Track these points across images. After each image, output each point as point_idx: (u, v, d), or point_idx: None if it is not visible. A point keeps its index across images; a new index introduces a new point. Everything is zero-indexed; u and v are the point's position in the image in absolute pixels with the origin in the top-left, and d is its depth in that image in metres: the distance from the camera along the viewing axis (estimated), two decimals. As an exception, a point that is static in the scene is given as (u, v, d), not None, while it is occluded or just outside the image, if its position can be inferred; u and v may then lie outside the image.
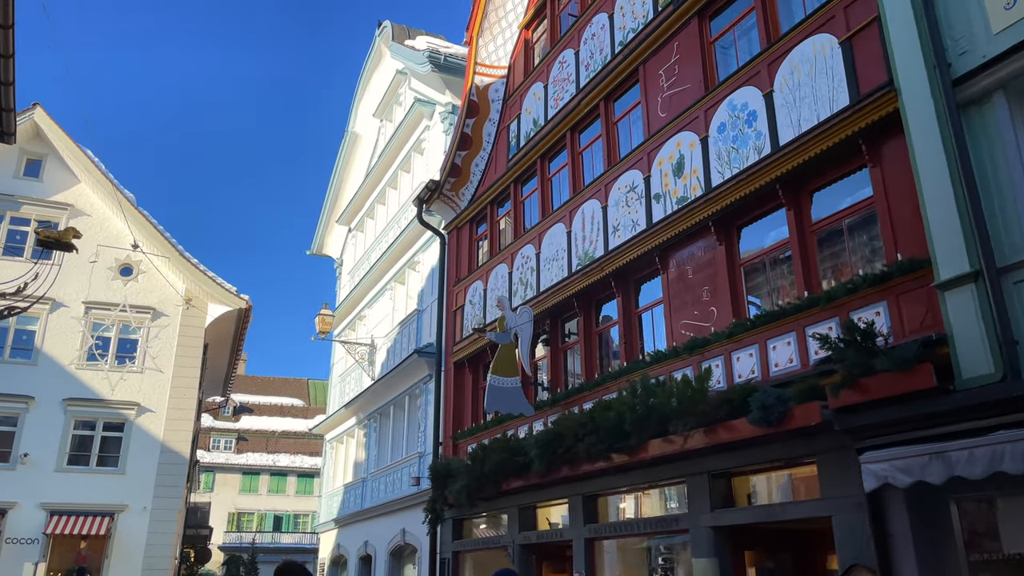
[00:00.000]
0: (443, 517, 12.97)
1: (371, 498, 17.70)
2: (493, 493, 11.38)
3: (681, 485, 8.47)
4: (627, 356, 9.74)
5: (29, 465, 23.65)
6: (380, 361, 18.88)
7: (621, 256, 9.81)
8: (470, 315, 13.93)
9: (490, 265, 13.51)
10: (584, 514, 9.88)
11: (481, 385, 13.78)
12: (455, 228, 15.17)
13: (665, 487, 8.85)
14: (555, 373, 11.44)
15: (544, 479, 10.03)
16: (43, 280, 12.61)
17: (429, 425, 15.16)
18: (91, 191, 26.91)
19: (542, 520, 11.40)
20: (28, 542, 22.97)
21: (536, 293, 11.79)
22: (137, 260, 26.71)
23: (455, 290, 14.75)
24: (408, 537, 15.33)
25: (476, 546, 12.66)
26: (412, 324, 17.00)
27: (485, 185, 14.14)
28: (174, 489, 24.94)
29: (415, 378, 16.06)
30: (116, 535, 23.76)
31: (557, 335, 11.65)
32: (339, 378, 22.06)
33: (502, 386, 10.86)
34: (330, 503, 21.09)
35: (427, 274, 16.79)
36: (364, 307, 20.96)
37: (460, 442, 13.55)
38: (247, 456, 55.10)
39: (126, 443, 24.83)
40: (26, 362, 24.85)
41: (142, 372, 25.73)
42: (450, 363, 14.36)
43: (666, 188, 9.25)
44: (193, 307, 26.90)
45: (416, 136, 18.68)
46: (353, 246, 23.36)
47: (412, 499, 15.13)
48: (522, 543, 11.21)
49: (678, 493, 8.69)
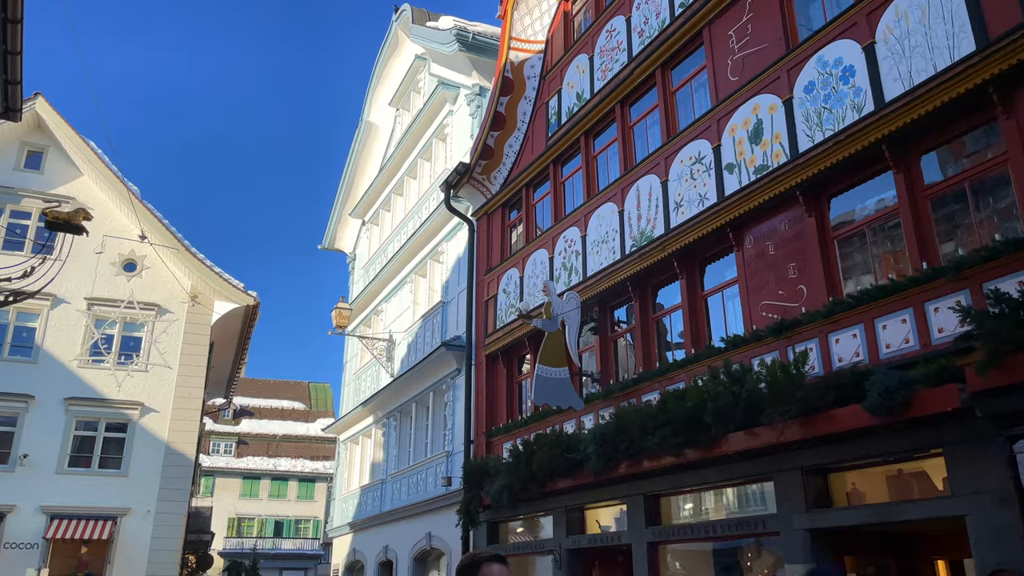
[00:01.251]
0: (478, 520, 12.12)
1: (392, 500, 16.83)
2: (538, 493, 10.53)
3: (766, 483, 7.65)
4: (693, 343, 8.91)
5: (29, 467, 22.73)
6: (400, 357, 18.03)
7: (686, 234, 9.00)
8: (504, 305, 13.11)
9: (527, 251, 12.69)
10: (646, 516, 9.04)
11: (517, 379, 12.97)
12: (485, 214, 14.35)
13: (746, 485, 8.01)
14: (605, 364, 10.61)
15: (599, 478, 9.20)
16: (49, 265, 11.73)
17: (458, 422, 14.31)
18: (94, 184, 26.05)
19: (591, 523, 10.56)
20: (28, 547, 22.05)
21: (582, 279, 10.97)
22: (142, 255, 25.86)
23: (486, 279, 13.92)
24: (435, 541, 14.46)
25: (515, 551, 11.80)
26: (436, 317, 16.16)
27: (520, 167, 13.33)
28: (179, 492, 24.03)
29: (441, 373, 15.21)
30: (119, 539, 22.84)
31: (606, 323, 10.82)
32: (353, 376, 21.19)
33: (550, 376, 10.04)
34: (344, 507, 20.20)
35: (452, 264, 15.95)
36: (381, 301, 20.11)
37: (494, 440, 12.71)
38: (247, 460, 54.14)
39: (129, 444, 23.92)
40: (26, 360, 23.94)
41: (146, 371, 24.84)
42: (481, 356, 13.53)
43: (740, 157, 8.44)
44: (199, 304, 26.04)
45: (438, 122, 17.87)
46: (367, 240, 22.52)
47: (440, 501, 14.27)
48: (570, 547, 10.36)
49: (762, 492, 7.86)
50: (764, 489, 7.79)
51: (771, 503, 7.51)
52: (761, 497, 7.88)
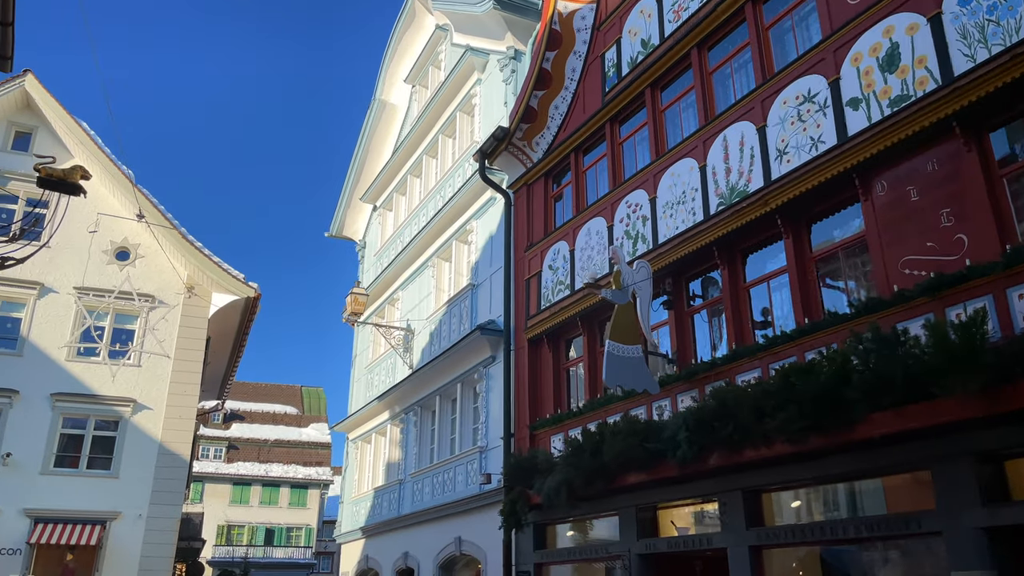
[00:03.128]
0: (526, 521, 10.73)
1: (412, 503, 15.40)
2: (603, 490, 9.17)
3: (918, 472, 6.33)
4: (806, 311, 7.59)
5: (11, 467, 21.08)
6: (420, 348, 16.63)
7: (793, 185, 7.70)
8: (550, 282, 11.77)
9: (578, 221, 11.37)
10: (746, 515, 7.70)
11: (565, 365, 11.61)
12: (524, 185, 13.03)
13: (890, 476, 6.68)
14: (682, 342, 9.27)
15: (687, 470, 7.86)
16: (45, 224, 10.29)
17: (494, 414, 12.93)
18: (86, 166, 24.47)
19: (664, 524, 9.21)
20: (9, 553, 20.40)
21: (652, 247, 9.66)
22: (135, 243, 24.34)
23: (526, 256, 12.58)
24: (466, 547, 13.05)
25: (569, 557, 10.42)
26: (465, 302, 14.79)
27: (568, 129, 12.02)
28: (173, 495, 22.42)
29: (473, 361, 13.84)
30: (108, 545, 21.21)
31: (682, 296, 9.49)
32: (365, 370, 19.75)
33: (622, 355, 8.70)
34: (354, 510, 18.73)
35: (483, 244, 14.60)
36: (397, 290, 18.72)
37: (540, 432, 11.34)
38: (238, 466, 52.33)
39: (120, 443, 22.32)
40: (10, 352, 22.31)
41: (139, 366, 23.28)
42: (523, 340, 12.17)
43: (868, 90, 7.16)
44: (196, 295, 24.51)
45: (464, 94, 16.55)
46: (379, 226, 21.13)
47: (473, 501, 12.87)
48: (642, 552, 9.00)
49: (911, 484, 6.54)
50: (911, 481, 6.47)
51: (924, 497, 6.19)
52: (908, 490, 6.55)
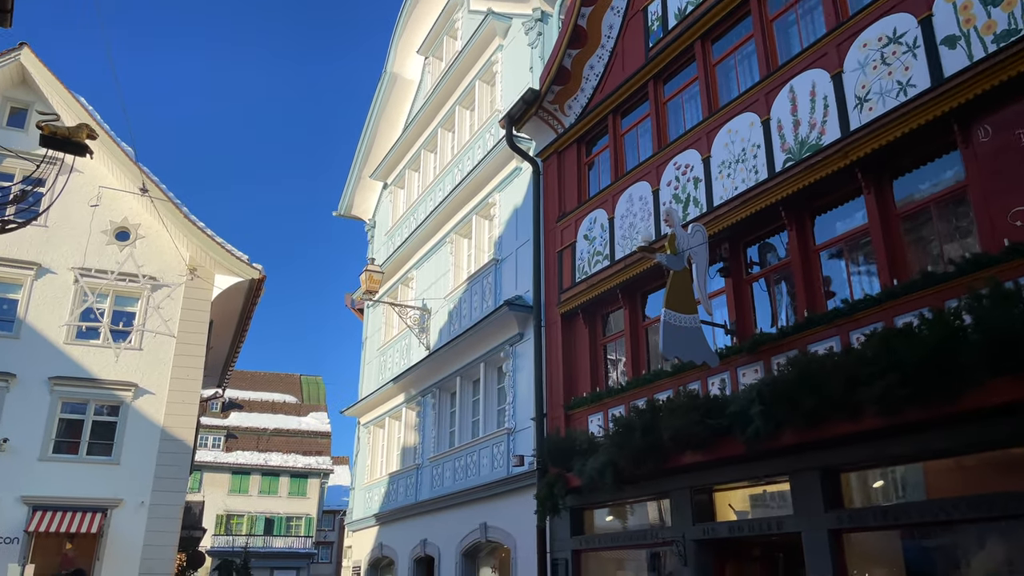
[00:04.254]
0: (563, 506, 10.06)
1: (432, 488, 14.73)
2: (654, 471, 8.51)
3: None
4: (892, 273, 6.91)
5: (8, 453, 20.32)
6: (438, 328, 15.94)
7: (878, 135, 7.01)
8: (586, 253, 11.07)
9: (618, 188, 10.67)
10: (824, 496, 7.04)
11: (602, 341, 10.93)
12: (555, 152, 12.32)
13: (1000, 450, 6.02)
14: (740, 312, 8.59)
15: (756, 448, 7.20)
16: (49, 184, 9.57)
17: (523, 394, 12.26)
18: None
19: (722, 507, 8.55)
20: (7, 541, 19.64)
21: (706, 210, 8.97)
22: (135, 223, 23.55)
23: (558, 227, 11.88)
24: (492, 533, 12.39)
25: (612, 543, 9.76)
26: (488, 278, 14.09)
27: (605, 90, 11.29)
28: (176, 482, 21.71)
29: (498, 340, 13.15)
30: (109, 533, 20.50)
31: (740, 263, 8.81)
32: (377, 352, 19.05)
33: (679, 324, 8.02)
34: (367, 496, 18.06)
35: (508, 217, 13.90)
36: (411, 269, 18.00)
37: (576, 412, 10.67)
38: (237, 455, 51.67)
39: (121, 429, 21.57)
40: (7, 335, 21.51)
41: (140, 349, 22.52)
42: (555, 315, 11.48)
43: (968, 25, 6.47)
44: (198, 277, 23.74)
45: (483, 61, 15.81)
46: (390, 204, 20.39)
47: (500, 486, 12.22)
48: (698, 538, 8.34)
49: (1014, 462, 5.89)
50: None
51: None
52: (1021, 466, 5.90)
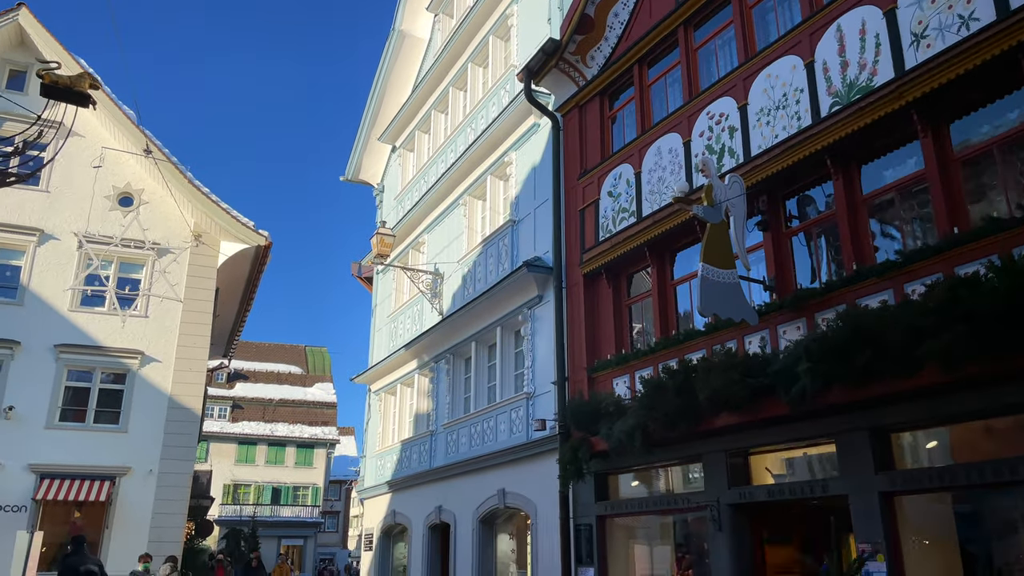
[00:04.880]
0: (587, 470, 9.74)
1: (446, 455, 14.44)
2: (687, 434, 8.17)
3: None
4: (952, 220, 6.48)
5: (14, 421, 20.09)
6: (451, 292, 15.54)
7: (935, 74, 6.53)
8: (610, 211, 10.63)
9: (645, 141, 10.19)
10: (875, 457, 6.68)
11: (627, 301, 10.53)
12: (576, 106, 11.82)
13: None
14: (779, 267, 8.18)
15: (801, 408, 6.83)
16: (52, 136, 9.12)
17: (542, 358, 11.90)
18: (84, 109, 23.05)
19: (758, 471, 8.21)
20: (14, 509, 19.50)
21: (743, 161, 8.52)
22: (139, 188, 23.10)
23: (580, 184, 11.43)
24: (511, 499, 12.11)
25: (640, 508, 9.45)
26: (504, 240, 13.66)
27: (631, 39, 10.76)
28: (185, 450, 21.53)
29: (516, 302, 12.76)
30: (118, 502, 20.35)
31: (779, 215, 8.37)
32: (388, 319, 18.68)
33: (718, 280, 7.61)
34: (379, 464, 17.81)
35: (524, 176, 13.43)
36: (422, 233, 17.56)
37: (600, 375, 10.31)
38: (243, 425, 51.67)
39: (128, 397, 21.33)
40: (10, 301, 21.18)
41: (146, 316, 22.19)
42: (577, 276, 11.08)
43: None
44: (203, 244, 23.35)
45: (498, 15, 15.21)
46: (399, 167, 19.88)
47: (519, 451, 11.90)
48: (734, 502, 8.01)
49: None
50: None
51: None
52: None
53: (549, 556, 10.81)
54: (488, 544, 13.02)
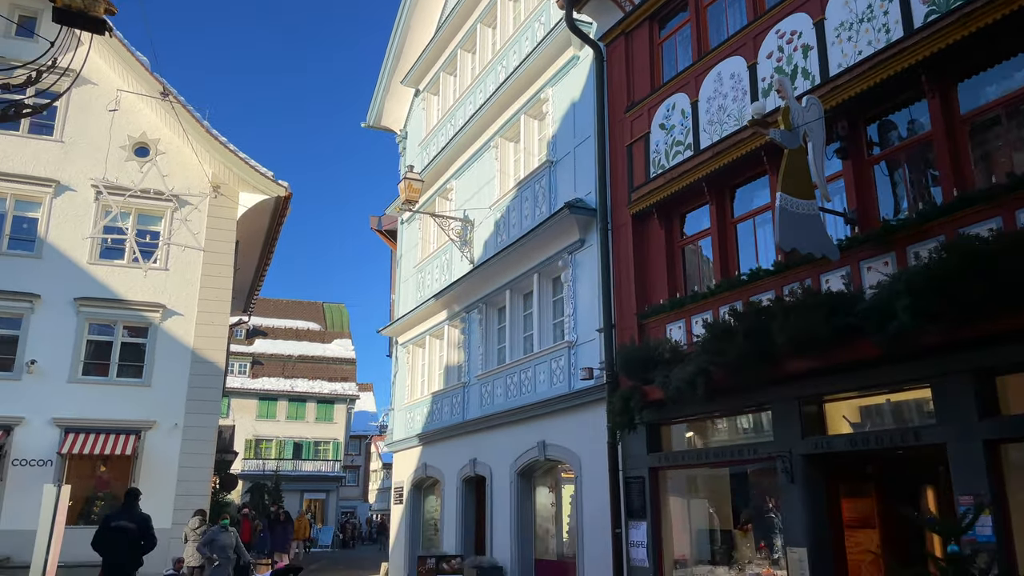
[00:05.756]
0: (639, 421, 9.20)
1: (481, 407, 13.97)
2: (756, 380, 7.57)
3: None
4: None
5: (37, 375, 19.85)
6: (482, 240, 14.90)
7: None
8: (663, 144, 9.89)
9: (703, 66, 9.40)
10: (979, 403, 6.05)
11: (679, 243, 9.85)
12: (622, 34, 10.99)
13: None
14: (860, 199, 7.46)
15: (896, 350, 6.20)
16: (69, 60, 8.45)
17: (584, 305, 11.29)
18: (96, 55, 22.33)
19: (834, 419, 7.61)
20: (40, 464, 19.35)
21: (819, 82, 7.75)
22: (155, 139, 22.45)
23: (627, 118, 10.67)
24: (552, 451, 11.63)
25: (697, 460, 8.91)
26: (541, 181, 12.95)
27: (686, -43, 9.90)
28: (210, 404, 21.28)
29: (555, 247, 12.11)
30: (144, 456, 20.18)
31: (860, 142, 7.62)
32: (414, 270, 18.09)
33: (796, 211, 6.92)
34: (409, 417, 17.41)
35: (563, 113, 12.66)
36: (449, 179, 16.86)
37: (651, 321, 9.69)
38: (263, 381, 51.80)
39: (151, 351, 21.02)
40: (28, 254, 20.79)
41: (167, 269, 21.76)
42: (625, 216, 10.39)
43: None
44: (222, 195, 22.79)
45: (531, -58, 14.27)
46: (423, 112, 19.09)
47: (560, 402, 11.39)
48: (808, 453, 7.44)
49: None
50: None
51: None
52: None
53: (596, 510, 10.35)
54: (527, 497, 12.60)
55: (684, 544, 9.27)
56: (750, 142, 8.32)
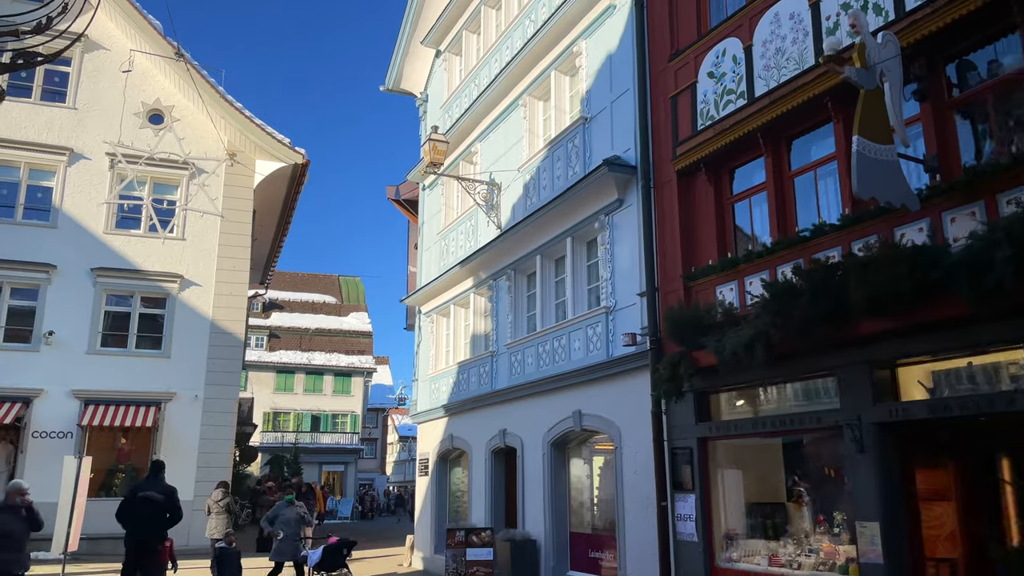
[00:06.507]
0: (688, 388, 8.68)
1: (510, 376, 13.49)
2: (824, 342, 7.01)
3: None
4: None
5: (55, 346, 19.58)
6: (510, 204, 14.32)
7: None
8: (712, 94, 9.24)
9: (758, 7, 8.70)
10: (1087, 363, 5.48)
11: (729, 200, 9.24)
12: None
13: None
14: (941, 145, 6.82)
15: (989, 307, 5.61)
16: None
17: (623, 269, 10.73)
18: (108, 19, 21.80)
19: (907, 384, 7.05)
20: (60, 436, 19.15)
21: (894, 18, 7.07)
22: (169, 105, 21.94)
23: (671, 67, 10.01)
24: (588, 421, 11.15)
25: (753, 429, 8.38)
26: (574, 140, 12.32)
27: None
28: (229, 375, 21.01)
29: (591, 208, 11.53)
30: (164, 427, 19.94)
31: (940, 83, 6.96)
32: (437, 237, 17.54)
33: (875, 157, 6.31)
34: (433, 387, 16.98)
35: (598, 67, 11.99)
36: (474, 141, 16.24)
37: (699, 283, 9.13)
38: (280, 354, 51.68)
39: (169, 322, 20.71)
40: (44, 224, 20.45)
41: (183, 239, 21.40)
42: (669, 173, 9.79)
43: None
44: (238, 163, 22.30)
45: None
46: (445, 72, 18.42)
47: (597, 370, 10.88)
48: (881, 421, 6.89)
49: None
50: None
51: None
52: None
53: (637, 482, 9.88)
54: (560, 469, 12.15)
55: (734, 518, 8.79)
56: (812, 87, 7.68)
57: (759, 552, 8.33)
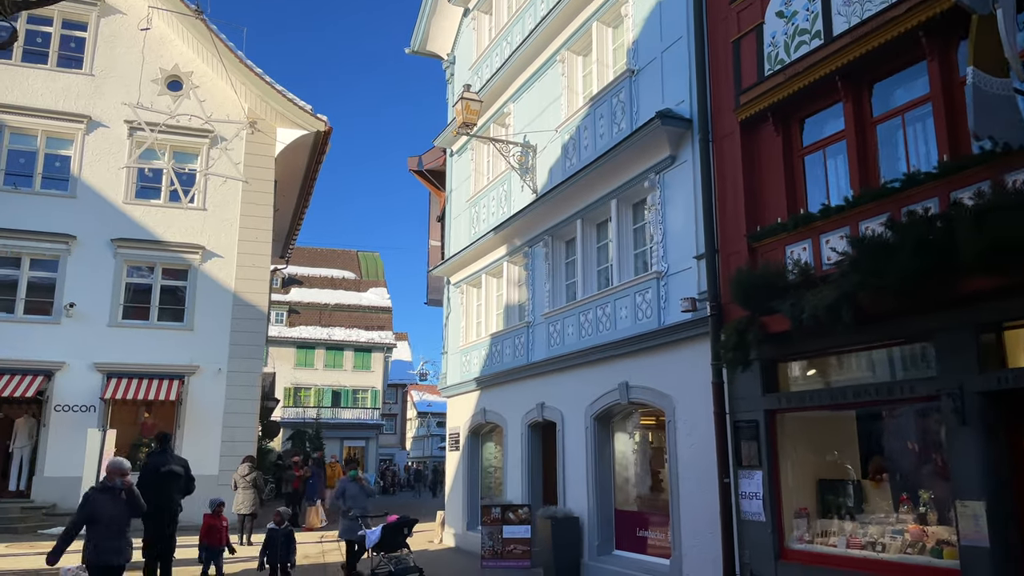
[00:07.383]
0: (756, 356, 7.99)
1: (549, 347, 12.84)
2: (919, 305, 6.29)
3: None
4: None
5: (77, 319, 19.17)
6: (547, 167, 13.59)
7: None
8: (782, 35, 8.44)
9: (836, -63, 7.88)
10: None
11: (799, 152, 8.48)
12: (725, -87, 9.45)
13: None
14: (1062, 77, 6.03)
15: None
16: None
17: (676, 231, 10.00)
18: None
19: (1015, 350, 6.32)
20: (82, 409, 18.80)
21: (1006, -65, 6.25)
22: (187, 71, 21.28)
23: (732, 9, 9.20)
24: (637, 393, 10.49)
25: (832, 400, 7.68)
26: (620, 94, 11.54)
27: None
28: (253, 348, 20.53)
29: (639, 167, 10.78)
30: (188, 401, 19.55)
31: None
32: (467, 204, 16.85)
33: (990, 91, 5.54)
34: (463, 360, 16.38)
35: (646, 15, 11.18)
36: (507, 102, 15.47)
37: (765, 244, 8.39)
38: (300, 330, 51.40)
39: (191, 294, 20.23)
40: (62, 194, 19.96)
41: (204, 209, 20.84)
42: (731, 124, 9.02)
43: None
44: (259, 131, 21.65)
45: None
46: (473, 32, 17.61)
47: (648, 339, 10.20)
48: (987, 390, 6.17)
49: None
50: None
51: None
52: None
53: (694, 457, 9.24)
54: (605, 444, 11.52)
55: (805, 496, 8.13)
56: (904, 21, 6.88)
57: (834, 533, 7.68)
